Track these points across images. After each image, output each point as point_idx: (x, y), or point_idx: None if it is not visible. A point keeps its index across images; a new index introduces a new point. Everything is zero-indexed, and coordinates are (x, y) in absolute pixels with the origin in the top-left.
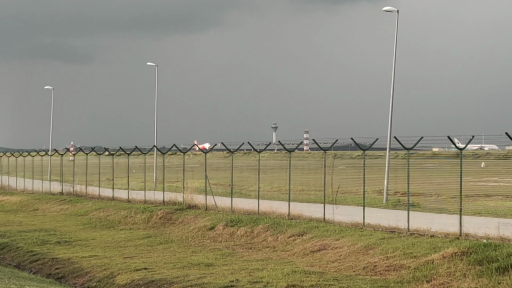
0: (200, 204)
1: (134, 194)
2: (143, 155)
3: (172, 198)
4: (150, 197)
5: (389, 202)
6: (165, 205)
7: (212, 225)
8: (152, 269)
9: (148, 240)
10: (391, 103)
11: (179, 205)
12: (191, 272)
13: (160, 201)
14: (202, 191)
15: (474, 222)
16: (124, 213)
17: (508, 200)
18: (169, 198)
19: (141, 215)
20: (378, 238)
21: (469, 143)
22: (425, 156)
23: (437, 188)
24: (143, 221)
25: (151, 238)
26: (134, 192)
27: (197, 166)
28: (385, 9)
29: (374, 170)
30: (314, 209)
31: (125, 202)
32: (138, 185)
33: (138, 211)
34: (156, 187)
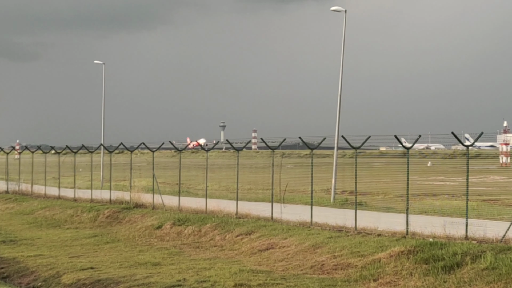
0: (147, 203)
1: (81, 193)
2: (90, 154)
3: (119, 197)
4: (96, 196)
5: (336, 201)
6: (112, 204)
7: (159, 224)
8: (98, 269)
9: (94, 239)
10: (338, 103)
11: (126, 204)
12: (138, 271)
13: (107, 200)
14: (150, 190)
15: (420, 221)
16: (70, 212)
17: (454, 199)
18: (116, 197)
19: (88, 214)
20: (325, 237)
21: (416, 143)
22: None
23: (384, 187)
24: (90, 220)
25: (97, 237)
26: (81, 191)
27: (145, 165)
28: (333, 9)
29: (322, 169)
30: (262, 208)
31: (71, 201)
32: (84, 184)
33: (84, 210)
34: (103, 186)
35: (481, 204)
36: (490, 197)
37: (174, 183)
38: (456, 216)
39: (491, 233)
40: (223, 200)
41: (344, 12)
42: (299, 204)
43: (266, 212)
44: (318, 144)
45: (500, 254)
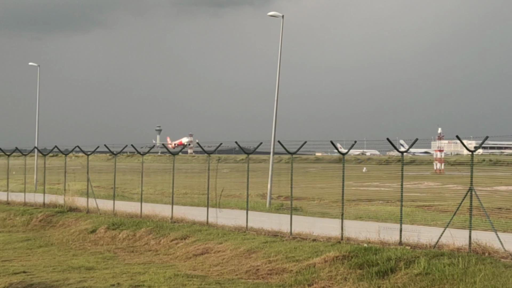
0: (81, 206)
1: (14, 196)
2: (24, 157)
3: (53, 201)
4: (30, 199)
5: (272, 205)
6: (46, 207)
7: (93, 228)
8: (31, 273)
9: (27, 243)
10: (275, 108)
11: (60, 208)
12: (71, 275)
13: (41, 204)
14: (84, 193)
15: (355, 226)
16: (3, 216)
17: (389, 205)
18: (50, 201)
19: (21, 217)
20: (261, 241)
21: (352, 148)
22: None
23: (320, 192)
24: (23, 223)
25: (30, 241)
26: (14, 194)
27: (79, 169)
28: (270, 14)
29: (258, 174)
30: (197, 212)
31: (4, 204)
32: (18, 187)
33: (17, 213)
34: (36, 189)
35: (416, 210)
36: (424, 203)
37: (109, 187)
38: (390, 221)
39: (425, 238)
40: (158, 204)
41: (282, 17)
42: (235, 208)
43: (202, 216)
44: (254, 149)
45: (433, 259)
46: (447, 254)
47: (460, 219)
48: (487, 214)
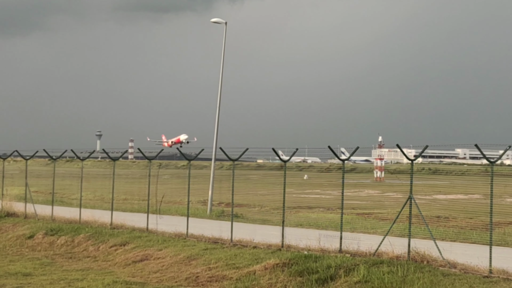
0: (19, 212)
1: None
2: None
3: None
4: None
5: (213, 212)
6: None
7: (31, 234)
8: None
9: None
10: (217, 114)
11: None
12: (7, 282)
13: None
14: (22, 198)
15: (296, 233)
16: None
17: (329, 212)
18: None
19: None
20: (201, 248)
21: (293, 156)
22: (250, 168)
23: (261, 199)
24: None
25: None
26: None
27: (18, 173)
28: (213, 21)
29: (199, 181)
30: (137, 218)
31: None
32: None
33: None
34: None
35: (356, 218)
36: (364, 211)
37: (48, 192)
38: (331, 229)
39: (365, 246)
40: (98, 210)
41: (225, 24)
42: (176, 215)
43: (142, 223)
44: (196, 155)
45: (373, 267)
46: (386, 262)
47: (400, 227)
48: (426, 223)
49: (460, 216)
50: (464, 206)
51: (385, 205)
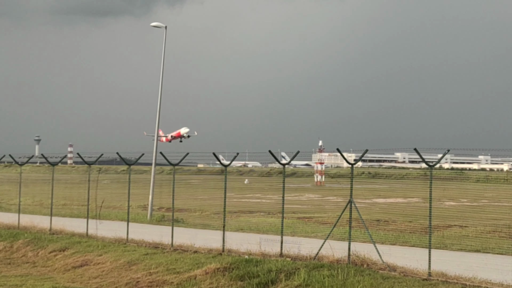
0: None
1: None
2: None
3: None
4: None
5: (153, 217)
6: None
7: None
8: None
9: None
10: (157, 119)
11: None
12: None
13: None
14: None
15: (237, 238)
16: None
17: (270, 217)
18: None
19: None
20: (141, 253)
21: (234, 160)
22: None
23: (201, 204)
24: None
25: None
26: None
27: None
28: (153, 25)
29: (139, 185)
30: (77, 224)
31: None
32: None
33: None
34: None
35: (296, 222)
36: (305, 214)
37: None
38: (271, 233)
39: (305, 250)
40: (37, 216)
41: (165, 28)
42: (116, 220)
43: (81, 228)
44: (136, 160)
45: (313, 271)
46: (327, 265)
47: (340, 231)
48: (366, 226)
49: (399, 219)
50: (403, 209)
51: (325, 209)
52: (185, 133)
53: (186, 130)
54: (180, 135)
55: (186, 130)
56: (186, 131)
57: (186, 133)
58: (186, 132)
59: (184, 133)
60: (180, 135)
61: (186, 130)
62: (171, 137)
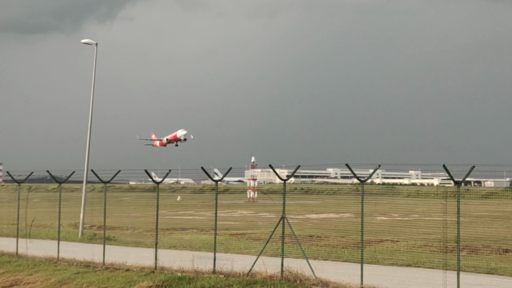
0: None
1: None
2: None
3: None
4: None
5: (85, 235)
6: None
7: None
8: None
9: None
10: (88, 136)
11: None
12: None
13: None
14: None
15: (169, 255)
16: None
17: (203, 234)
18: None
19: None
20: (73, 272)
21: (166, 177)
22: (122, 190)
23: (134, 221)
24: None
25: None
26: None
27: None
28: (84, 42)
29: (70, 203)
30: (6, 243)
31: None
32: None
33: None
34: None
35: (229, 238)
36: (238, 231)
37: None
38: (204, 250)
39: (239, 267)
40: None
41: (95, 45)
42: (46, 239)
43: (11, 247)
44: (67, 178)
45: (247, 287)
46: (260, 282)
47: (273, 247)
48: (299, 242)
49: (332, 235)
50: (336, 225)
51: (258, 225)
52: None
53: (183, 132)
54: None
55: (183, 132)
56: (183, 133)
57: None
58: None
59: (181, 135)
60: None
61: (183, 133)
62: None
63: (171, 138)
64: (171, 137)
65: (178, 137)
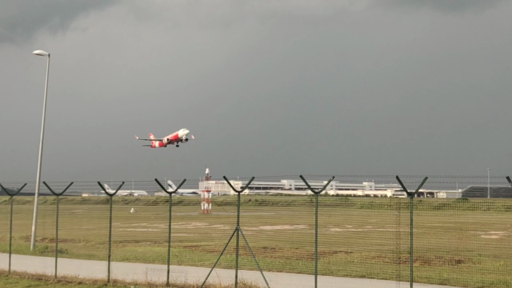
0: None
1: None
2: None
3: None
4: None
5: (37, 248)
6: None
7: None
8: None
9: None
10: (40, 148)
11: None
12: None
13: None
14: None
15: (123, 267)
16: None
17: (157, 246)
18: None
19: None
20: (24, 285)
21: (120, 189)
22: (75, 202)
23: (86, 234)
24: None
25: None
26: None
27: None
28: (36, 53)
29: (22, 216)
30: None
31: None
32: None
33: None
34: None
35: (183, 251)
36: (191, 243)
37: None
38: (158, 262)
39: (192, 279)
40: None
41: (48, 56)
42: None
43: None
44: (19, 190)
45: None
46: None
47: (227, 259)
48: (253, 254)
49: (286, 246)
50: (290, 236)
51: (212, 237)
52: (184, 134)
53: (185, 131)
54: (178, 138)
55: (186, 131)
56: (185, 132)
57: (185, 134)
58: (185, 133)
59: (183, 134)
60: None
61: (186, 132)
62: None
63: (172, 138)
64: (171, 137)
65: (179, 137)
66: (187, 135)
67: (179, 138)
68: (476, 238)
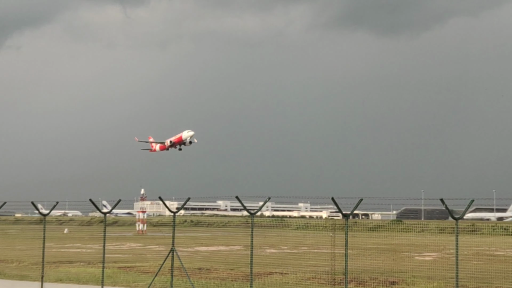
0: None
1: None
2: None
3: None
4: None
5: None
6: None
7: None
8: None
9: None
10: None
11: None
12: None
13: None
14: None
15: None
16: None
17: (91, 267)
18: None
19: None
20: None
21: (53, 209)
22: (8, 222)
23: (19, 254)
24: None
25: None
26: None
27: None
28: None
29: None
30: None
31: None
32: None
33: None
34: None
35: (118, 272)
36: (126, 264)
37: None
38: (92, 283)
39: None
40: None
41: None
42: None
43: None
44: None
45: None
46: None
47: (162, 280)
48: (188, 275)
49: (221, 267)
50: (225, 257)
51: (147, 258)
52: (189, 136)
53: (189, 133)
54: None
55: (190, 133)
56: (190, 134)
57: (190, 137)
58: (189, 136)
59: (188, 136)
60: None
61: (190, 134)
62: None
63: (175, 140)
64: (175, 140)
65: (183, 139)
66: (191, 138)
67: (183, 140)
68: (410, 259)
